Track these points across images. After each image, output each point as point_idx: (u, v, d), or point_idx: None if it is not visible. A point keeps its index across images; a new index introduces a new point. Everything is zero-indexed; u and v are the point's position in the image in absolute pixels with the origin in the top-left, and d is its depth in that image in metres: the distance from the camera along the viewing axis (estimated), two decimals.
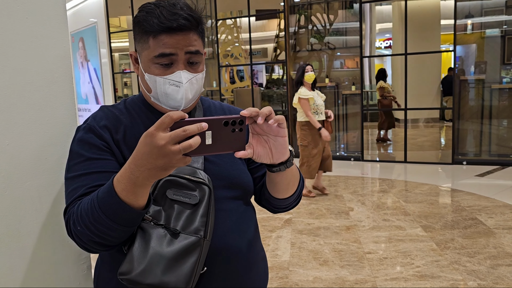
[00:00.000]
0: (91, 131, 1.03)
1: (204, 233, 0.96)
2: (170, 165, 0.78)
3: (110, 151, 1.02)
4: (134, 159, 0.81)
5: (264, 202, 1.20)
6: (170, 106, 1.05)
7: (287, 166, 1.00)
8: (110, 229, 0.87)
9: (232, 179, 1.09)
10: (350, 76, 8.12)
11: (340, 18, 8.17)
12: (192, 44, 1.01)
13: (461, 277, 3.00)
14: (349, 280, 3.02)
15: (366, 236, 3.81)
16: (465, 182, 5.74)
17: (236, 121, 0.81)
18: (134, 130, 1.06)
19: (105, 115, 1.07)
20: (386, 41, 16.82)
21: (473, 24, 6.97)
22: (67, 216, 0.95)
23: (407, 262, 3.26)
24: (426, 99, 9.73)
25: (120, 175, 0.85)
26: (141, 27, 1.01)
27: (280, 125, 0.92)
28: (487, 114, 6.86)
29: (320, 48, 8.06)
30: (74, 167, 1.00)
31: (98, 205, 0.86)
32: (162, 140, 0.75)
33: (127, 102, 1.13)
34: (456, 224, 4.02)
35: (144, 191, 0.85)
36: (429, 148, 8.18)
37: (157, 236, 0.94)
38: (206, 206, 0.98)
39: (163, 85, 1.01)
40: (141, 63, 1.05)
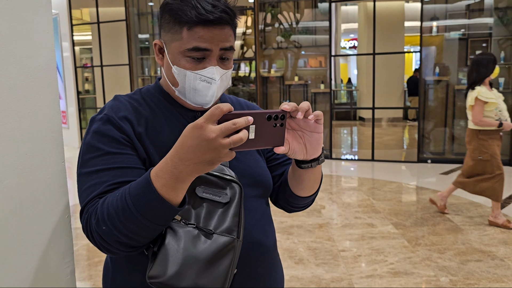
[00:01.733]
0: (109, 123, 0.96)
1: (237, 233, 0.93)
2: (217, 159, 0.75)
3: (131, 145, 0.95)
4: (177, 153, 0.77)
5: (282, 201, 1.16)
6: (197, 103, 1.00)
7: (319, 162, 0.97)
8: (142, 228, 0.82)
9: (256, 177, 1.06)
10: (315, 75, 8.19)
11: (309, 17, 8.21)
12: (227, 40, 0.96)
13: (433, 273, 3.06)
14: (325, 278, 3.01)
15: (339, 234, 3.82)
16: (431, 180, 5.88)
17: (278, 115, 0.79)
18: (155, 123, 1.00)
19: (124, 105, 1.00)
20: (351, 41, 17.12)
21: (438, 26, 7.16)
22: (87, 215, 0.88)
23: (381, 260, 3.29)
24: (391, 99, 9.94)
25: (159, 169, 0.80)
26: (173, 16, 0.94)
27: (318, 121, 0.89)
28: (451, 114, 7.08)
29: (286, 47, 8.07)
30: (90, 162, 0.93)
31: (131, 203, 0.81)
32: (212, 133, 0.72)
33: (143, 93, 1.06)
34: (425, 221, 4.10)
35: (185, 187, 0.81)
36: (394, 146, 8.36)
37: (189, 237, 0.89)
38: (237, 205, 0.94)
39: (193, 80, 0.96)
40: (168, 54, 0.98)
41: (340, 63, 17.23)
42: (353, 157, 7.69)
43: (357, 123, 11.62)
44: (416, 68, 12.27)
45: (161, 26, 0.99)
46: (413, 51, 7.48)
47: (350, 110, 12.22)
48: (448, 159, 6.81)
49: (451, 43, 7.17)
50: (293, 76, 8.05)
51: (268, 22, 7.95)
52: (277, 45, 8.06)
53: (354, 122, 11.80)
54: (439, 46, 7.30)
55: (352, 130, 10.92)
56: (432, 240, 3.65)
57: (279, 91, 8.15)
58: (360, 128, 10.86)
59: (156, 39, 1.03)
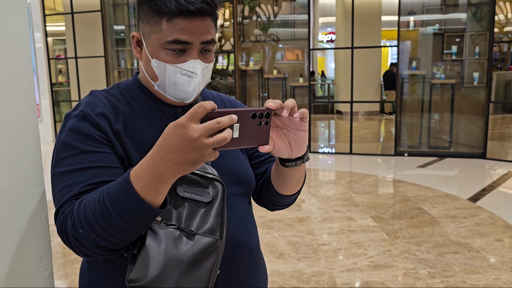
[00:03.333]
0: (85, 119, 0.91)
1: (220, 234, 0.90)
2: (200, 159, 0.73)
3: (108, 143, 0.91)
4: (159, 152, 0.74)
5: (265, 199, 1.14)
6: (177, 98, 0.96)
7: (304, 161, 0.96)
8: (121, 231, 0.79)
9: (238, 175, 1.03)
10: (292, 68, 8.19)
11: (287, 10, 8.19)
12: (208, 32, 0.92)
13: (412, 265, 3.10)
14: (306, 272, 3.02)
15: (319, 228, 3.84)
16: (408, 173, 5.97)
17: (263, 113, 0.77)
18: (134, 119, 0.96)
19: (100, 101, 0.95)
20: (328, 34, 17.20)
21: (415, 21, 7.24)
22: (62, 217, 0.83)
23: (361, 253, 3.32)
24: (368, 92, 10.04)
25: (140, 170, 0.77)
26: (152, 7, 0.90)
27: (303, 119, 0.87)
28: (427, 107, 7.18)
29: (264, 40, 8.04)
30: (65, 161, 0.88)
31: (110, 205, 0.77)
32: (195, 132, 0.70)
33: (120, 87, 1.02)
34: (403, 214, 4.16)
35: (166, 188, 0.78)
36: (371, 140, 8.45)
37: (170, 238, 0.86)
38: (220, 204, 0.91)
39: (173, 74, 0.92)
40: (147, 47, 0.94)
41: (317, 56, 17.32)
42: (331, 150, 7.74)
43: (335, 117, 11.71)
44: (392, 62, 12.43)
45: (139, 18, 0.95)
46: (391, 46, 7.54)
47: (328, 104, 12.29)
48: (424, 152, 6.92)
49: (428, 38, 7.26)
50: (271, 69, 8.02)
51: (246, 15, 7.89)
52: (255, 38, 8.02)
53: (331, 116, 11.88)
54: (416, 40, 7.39)
55: (329, 123, 10.99)
56: (410, 232, 3.70)
57: (258, 85, 8.12)
58: (337, 121, 10.94)
59: (134, 31, 0.98)
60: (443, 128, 7.24)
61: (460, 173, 5.92)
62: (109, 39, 7.96)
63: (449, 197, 4.68)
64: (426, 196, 4.70)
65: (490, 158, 6.50)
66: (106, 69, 7.90)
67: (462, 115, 6.99)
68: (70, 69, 8.56)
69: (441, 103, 7.12)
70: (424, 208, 4.33)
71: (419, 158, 6.72)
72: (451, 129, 7.09)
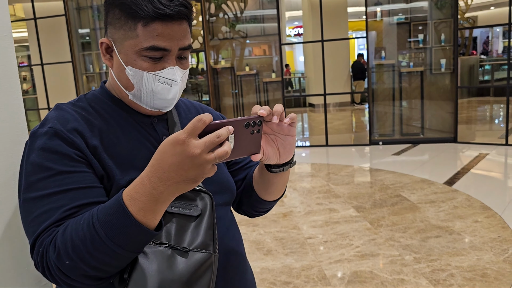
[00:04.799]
0: (57, 137, 0.83)
1: (213, 247, 0.86)
2: (201, 176, 0.69)
3: (85, 161, 0.84)
4: (156, 172, 0.70)
5: (247, 207, 1.12)
6: (155, 107, 0.91)
7: (291, 165, 0.95)
8: (115, 257, 0.73)
9: (221, 184, 1.00)
10: (259, 64, 8.20)
11: (254, 6, 8.18)
12: (186, 37, 0.88)
13: (397, 252, 3.16)
14: (295, 267, 3.04)
15: (304, 222, 3.86)
16: (384, 161, 6.08)
17: (256, 122, 0.75)
18: (110, 133, 0.89)
19: (71, 116, 0.88)
20: (295, 28, 17.30)
21: (382, 11, 7.36)
22: (42, 248, 0.75)
23: (347, 244, 3.36)
24: (338, 84, 10.16)
25: (135, 191, 0.72)
26: (126, 11, 0.84)
27: (292, 124, 0.86)
28: (398, 96, 7.33)
29: (232, 37, 8.01)
30: (38, 184, 0.80)
31: (103, 231, 0.71)
32: (197, 149, 0.66)
33: (89, 99, 0.94)
34: (384, 202, 4.23)
35: (164, 208, 0.74)
36: (345, 131, 8.56)
37: (163, 258, 0.80)
38: (210, 217, 0.87)
39: (151, 82, 0.87)
40: (119, 54, 0.88)
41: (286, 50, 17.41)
42: (305, 143, 7.81)
43: (307, 110, 11.81)
44: (359, 53, 12.63)
45: (109, 23, 0.89)
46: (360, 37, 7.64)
47: (300, 97, 12.38)
48: (398, 140, 7.06)
49: (394, 28, 7.39)
50: (242, 66, 8.00)
51: (213, 13, 7.84)
52: (223, 35, 7.99)
53: (304, 109, 11.98)
54: (383, 30, 7.51)
55: (303, 117, 11.07)
56: (392, 220, 3.77)
57: (230, 82, 8.10)
58: (310, 114, 11.05)
59: (103, 38, 0.92)
60: (415, 115, 7.41)
61: (434, 158, 6.07)
62: (75, 43, 7.76)
63: (426, 183, 4.79)
64: (404, 183, 4.80)
65: (461, 142, 6.69)
66: (74, 75, 7.70)
67: (432, 101, 7.17)
68: (36, 76, 8.32)
69: (411, 91, 7.27)
70: (403, 195, 4.42)
71: (394, 146, 6.85)
72: (422, 116, 7.26)
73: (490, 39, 15.07)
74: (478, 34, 14.72)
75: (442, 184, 4.68)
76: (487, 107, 10.95)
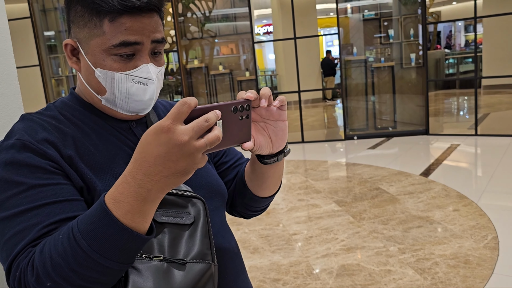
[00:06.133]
0: (27, 149, 0.74)
1: (211, 257, 0.79)
2: (192, 166, 0.62)
3: (61, 172, 0.75)
4: (140, 167, 0.61)
5: (241, 207, 1.04)
6: (131, 110, 0.83)
7: (285, 154, 0.88)
8: (103, 272, 0.64)
9: (211, 187, 0.93)
10: (227, 62, 8.20)
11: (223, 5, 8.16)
12: (158, 30, 0.80)
13: (382, 244, 3.21)
14: (283, 264, 3.05)
15: (287, 218, 3.88)
16: (360, 155, 6.17)
17: (244, 106, 0.68)
18: (86, 141, 0.81)
19: (40, 125, 0.79)
20: (264, 27, 17.35)
21: (352, 7, 7.47)
22: (18, 273, 0.66)
23: (332, 238, 3.40)
24: (310, 81, 10.25)
25: (118, 192, 0.63)
26: (89, 6, 0.76)
27: (282, 107, 0.79)
28: (370, 91, 7.46)
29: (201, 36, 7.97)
30: (9, 202, 0.71)
31: (86, 243, 0.62)
32: (184, 135, 0.59)
33: (58, 107, 0.85)
34: (364, 195, 4.30)
35: (153, 209, 0.66)
36: (320, 127, 8.65)
37: (158, 273, 0.72)
38: (204, 224, 0.80)
39: (124, 83, 0.79)
40: (86, 55, 0.80)
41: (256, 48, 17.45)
42: None
43: None
44: (327, 50, 12.80)
45: (71, 22, 0.81)
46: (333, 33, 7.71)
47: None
48: (372, 134, 7.19)
49: (365, 24, 7.52)
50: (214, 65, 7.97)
51: (180, 12, 7.77)
52: (192, 35, 7.93)
53: None
54: (353, 27, 7.63)
55: None
56: (374, 212, 3.84)
57: (204, 82, 8.05)
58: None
59: (67, 39, 0.83)
60: (387, 109, 7.56)
61: (409, 151, 6.21)
62: (42, 46, 7.54)
63: (403, 175, 4.89)
64: (381, 176, 4.89)
65: (433, 134, 6.87)
66: (42, 78, 7.48)
67: (403, 95, 7.33)
68: None
69: (383, 85, 7.41)
70: (382, 187, 4.50)
71: (368, 140, 6.97)
72: (394, 110, 7.42)
73: (453, 34, 15.54)
74: (442, 29, 15.15)
75: (419, 176, 4.80)
76: (454, 99, 11.28)
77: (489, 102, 9.53)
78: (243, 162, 1.06)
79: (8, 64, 0.94)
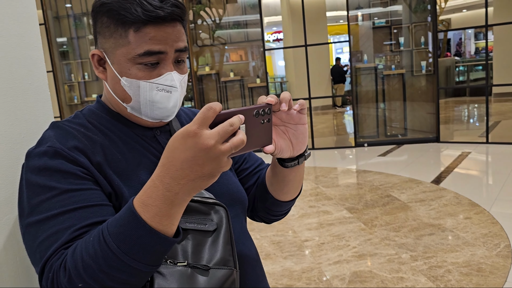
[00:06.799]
0: (59, 156, 0.77)
1: (233, 263, 0.81)
2: (218, 170, 0.64)
3: (92, 178, 0.78)
4: (168, 171, 0.64)
5: (262, 212, 1.05)
6: (155, 118, 0.86)
7: (306, 158, 0.89)
8: (131, 274, 0.66)
9: (231, 195, 0.94)
10: (244, 69, 8.24)
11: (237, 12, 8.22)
12: (181, 39, 0.83)
13: (394, 251, 3.21)
14: (295, 270, 3.06)
15: (299, 225, 3.89)
16: (371, 162, 6.17)
17: (265, 110, 0.70)
18: (113, 149, 0.84)
19: (70, 133, 0.82)
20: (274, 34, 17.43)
21: (363, 15, 7.50)
22: (51, 274, 0.68)
23: (344, 245, 3.40)
24: (320, 88, 10.28)
25: (146, 196, 0.65)
26: (114, 17, 0.79)
27: (302, 110, 0.81)
28: (381, 98, 7.46)
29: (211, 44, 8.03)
30: (42, 206, 0.73)
31: (115, 245, 0.65)
32: (210, 140, 0.61)
33: (86, 115, 0.88)
34: (375, 203, 4.30)
35: (180, 212, 0.68)
36: (329, 134, 8.66)
37: (182, 278, 0.74)
38: (227, 231, 0.82)
39: (149, 91, 0.82)
40: (113, 64, 0.83)
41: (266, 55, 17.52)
42: None
43: None
44: (337, 57, 12.83)
45: (98, 33, 0.83)
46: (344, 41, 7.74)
47: None
48: (383, 141, 7.18)
49: (375, 31, 7.54)
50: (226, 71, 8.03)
51: (191, 19, 7.85)
52: (201, 42, 8.00)
53: None
54: (364, 34, 7.64)
55: None
56: (385, 220, 3.84)
57: (215, 88, 8.11)
58: None
59: (94, 49, 0.86)
60: (398, 117, 7.56)
61: (419, 158, 6.20)
62: (55, 52, 7.65)
63: (414, 182, 4.89)
64: (392, 183, 4.88)
65: (444, 141, 6.84)
66: (55, 84, 7.59)
67: (414, 103, 7.33)
68: None
69: (393, 93, 7.41)
70: (393, 194, 4.50)
71: (378, 147, 6.97)
72: (405, 117, 7.41)
73: (463, 41, 15.50)
74: (451, 36, 15.13)
75: (430, 183, 4.79)
76: (464, 107, 11.24)
77: (500, 110, 9.48)
78: (263, 167, 1.08)
79: (40, 72, 0.98)
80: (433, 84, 6.94)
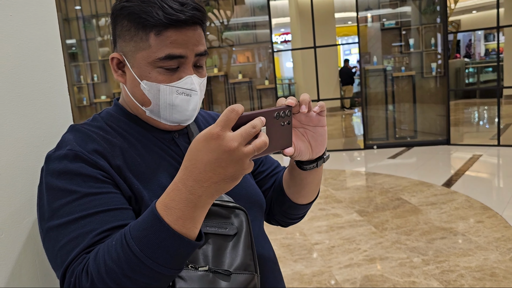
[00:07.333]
0: (79, 159, 0.77)
1: (254, 267, 0.80)
2: (241, 172, 0.63)
3: (112, 181, 0.78)
4: (191, 174, 0.63)
5: (279, 216, 1.05)
6: (175, 121, 0.86)
7: (325, 160, 0.88)
8: (154, 277, 0.66)
9: (250, 198, 0.93)
10: (243, 71, 8.24)
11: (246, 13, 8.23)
12: (201, 43, 0.82)
13: (405, 255, 3.19)
14: (306, 273, 3.04)
15: (309, 228, 3.87)
16: (380, 165, 6.13)
17: (285, 112, 0.70)
18: (133, 152, 0.83)
19: (89, 136, 0.81)
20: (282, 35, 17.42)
21: (373, 16, 7.47)
22: (73, 278, 0.68)
23: (354, 248, 3.38)
24: (328, 89, 10.25)
25: (169, 199, 0.65)
26: (135, 20, 0.79)
27: (322, 112, 0.80)
28: (390, 100, 7.42)
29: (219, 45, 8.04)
30: (63, 210, 0.73)
31: (138, 249, 0.64)
32: (234, 142, 0.61)
33: (104, 118, 0.88)
34: (386, 206, 4.27)
35: (203, 215, 0.67)
36: (338, 136, 8.62)
37: (204, 283, 0.74)
38: (247, 235, 0.81)
39: (169, 94, 0.81)
40: (133, 68, 0.82)
41: None
42: None
43: None
44: (345, 58, 12.80)
45: (117, 36, 0.83)
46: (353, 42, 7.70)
47: None
48: (392, 144, 7.14)
49: (385, 32, 7.50)
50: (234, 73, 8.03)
51: None
52: (209, 43, 8.02)
53: None
54: (374, 35, 7.61)
55: None
56: (396, 223, 3.81)
57: (224, 90, 8.11)
58: None
59: (113, 53, 0.86)
60: (407, 119, 7.51)
61: (430, 161, 6.15)
62: (65, 54, 7.70)
63: (424, 185, 4.85)
64: (403, 186, 4.85)
65: (454, 144, 6.79)
66: None
67: (424, 105, 7.28)
68: None
69: (403, 95, 7.37)
70: (404, 197, 4.46)
71: (388, 150, 6.92)
72: (415, 119, 7.36)
73: (472, 43, 15.38)
74: (461, 38, 15.02)
75: (441, 186, 4.75)
76: (474, 109, 11.14)
77: (511, 112, 9.40)
78: (280, 170, 1.07)
79: (60, 76, 0.97)
80: (443, 86, 6.89)
